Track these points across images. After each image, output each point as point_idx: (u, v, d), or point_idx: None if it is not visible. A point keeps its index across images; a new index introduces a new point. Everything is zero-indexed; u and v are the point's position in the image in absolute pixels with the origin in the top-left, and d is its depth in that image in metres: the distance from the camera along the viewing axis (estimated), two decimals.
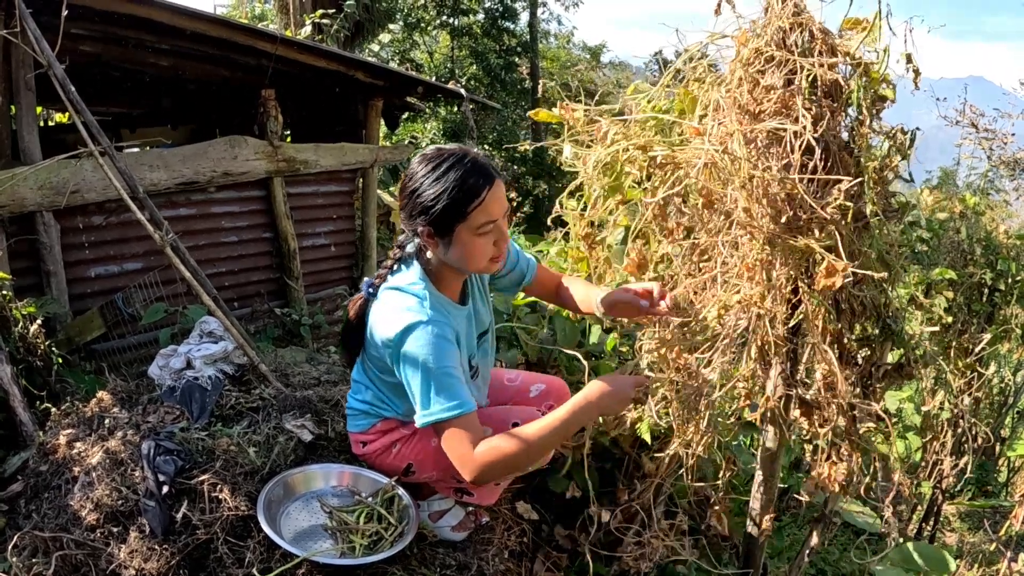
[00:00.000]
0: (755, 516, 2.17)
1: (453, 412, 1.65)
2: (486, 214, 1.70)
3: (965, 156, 9.16)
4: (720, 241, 1.57)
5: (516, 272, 2.11)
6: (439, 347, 1.67)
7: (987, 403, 4.02)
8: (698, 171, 1.45)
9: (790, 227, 1.42)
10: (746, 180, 1.35)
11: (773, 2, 1.39)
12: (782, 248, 1.43)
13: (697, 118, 1.55)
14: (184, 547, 1.76)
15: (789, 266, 1.49)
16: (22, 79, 3.70)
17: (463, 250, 1.74)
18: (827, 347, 1.53)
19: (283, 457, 2.03)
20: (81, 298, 4.15)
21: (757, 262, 1.50)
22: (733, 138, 1.37)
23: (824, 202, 1.36)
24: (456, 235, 1.71)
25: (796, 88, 1.36)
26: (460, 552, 2.04)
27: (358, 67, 5.58)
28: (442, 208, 1.67)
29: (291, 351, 3.67)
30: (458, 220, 1.69)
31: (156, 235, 2.50)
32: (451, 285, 1.89)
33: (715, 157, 1.39)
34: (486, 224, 1.71)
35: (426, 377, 1.66)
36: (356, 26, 11.32)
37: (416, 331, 1.67)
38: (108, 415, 2.25)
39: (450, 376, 1.67)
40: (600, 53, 25.38)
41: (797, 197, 1.37)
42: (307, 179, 5.50)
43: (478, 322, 2.03)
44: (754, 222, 1.40)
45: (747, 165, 1.34)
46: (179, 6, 4.09)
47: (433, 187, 1.68)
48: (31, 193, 3.69)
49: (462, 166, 1.69)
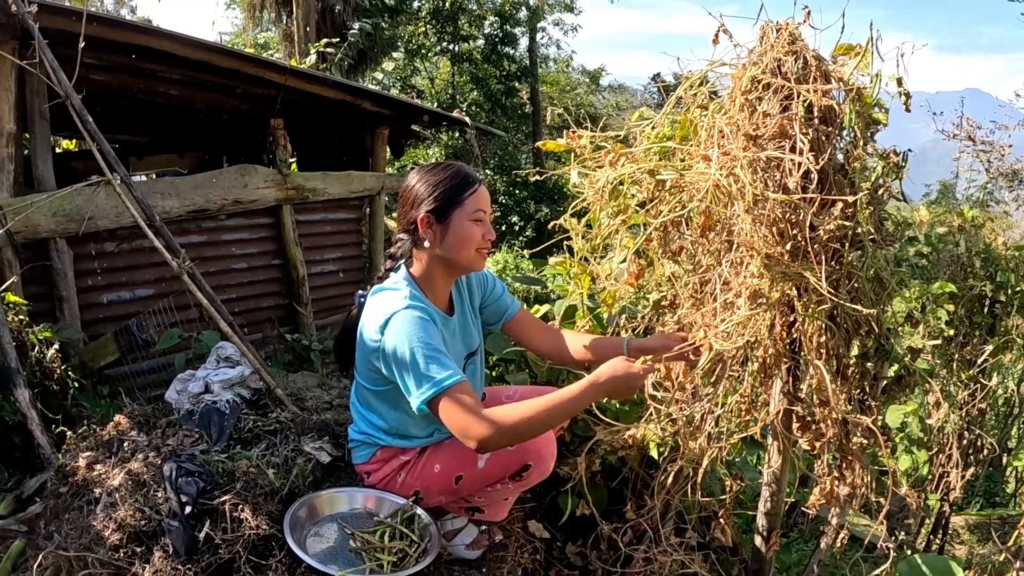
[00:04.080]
0: (762, 531, 2.20)
1: (447, 382, 1.70)
2: (478, 202, 1.91)
3: (963, 169, 9.23)
4: (722, 261, 1.62)
5: (501, 303, 2.21)
6: (421, 327, 1.77)
7: (992, 414, 4.04)
8: (704, 194, 1.50)
9: (792, 250, 1.48)
10: (750, 204, 1.41)
11: (768, 32, 1.46)
12: (778, 269, 1.48)
13: (702, 143, 1.61)
14: (207, 566, 1.80)
15: (786, 285, 1.54)
16: (37, 108, 3.77)
17: (458, 235, 1.90)
18: (822, 363, 1.57)
19: (301, 478, 2.07)
20: (93, 324, 4.21)
21: (757, 281, 1.54)
22: (737, 163, 1.42)
23: (823, 223, 1.41)
24: (452, 219, 1.89)
25: (793, 114, 1.43)
26: (475, 570, 2.07)
27: (365, 97, 5.69)
28: (439, 193, 1.88)
29: (302, 376, 3.71)
30: (455, 205, 1.88)
31: (173, 263, 2.56)
32: (440, 292, 1.99)
33: (720, 181, 1.44)
34: (478, 211, 1.91)
35: (413, 356, 1.73)
36: (359, 55, 11.51)
37: (396, 316, 1.79)
38: (126, 438, 2.29)
39: (436, 350, 1.75)
40: (599, 76, 25.63)
41: (796, 219, 1.43)
42: (315, 207, 5.59)
43: (466, 339, 2.09)
44: (756, 244, 1.45)
45: (751, 189, 1.39)
46: (190, 37, 4.19)
47: (432, 179, 1.90)
48: (45, 220, 3.77)
49: (455, 166, 1.95)
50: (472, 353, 2.13)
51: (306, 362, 4.61)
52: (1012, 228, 6.22)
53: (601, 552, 2.39)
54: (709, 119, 1.60)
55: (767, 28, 1.45)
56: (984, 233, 3.62)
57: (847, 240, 1.47)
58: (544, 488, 2.42)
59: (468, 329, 2.11)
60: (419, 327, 1.76)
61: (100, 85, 4.46)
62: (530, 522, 2.36)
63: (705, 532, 2.46)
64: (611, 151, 1.86)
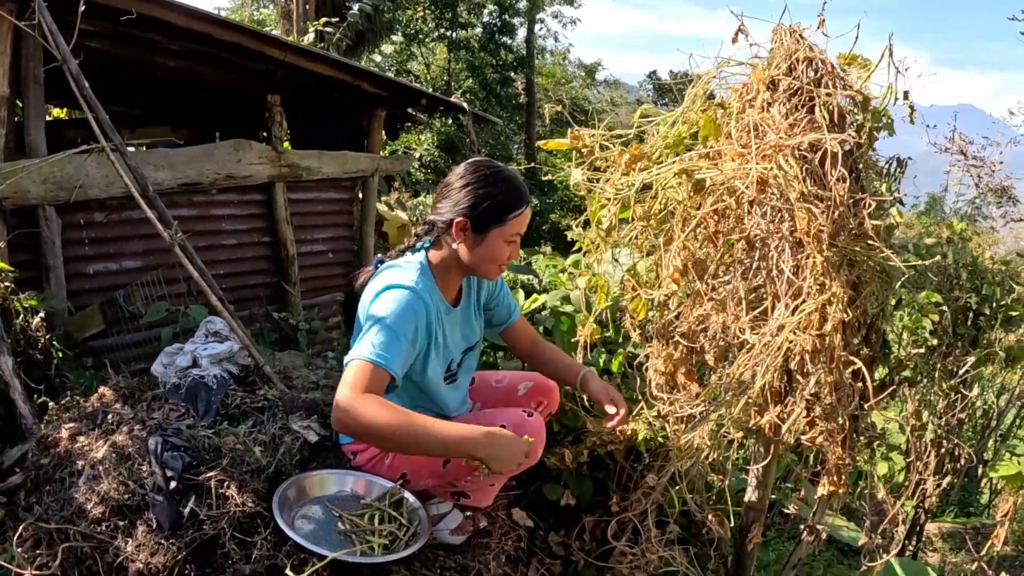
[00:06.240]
0: (745, 526, 2.23)
1: (379, 360, 1.68)
2: (518, 226, 1.87)
3: (953, 183, 9.33)
4: (773, 258, 1.60)
5: (504, 309, 2.24)
6: (409, 313, 1.76)
7: (970, 425, 4.10)
8: (749, 187, 1.49)
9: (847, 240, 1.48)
10: (799, 195, 1.42)
11: (784, 36, 1.46)
12: (840, 259, 1.49)
13: (736, 142, 1.59)
14: (191, 542, 1.79)
15: (845, 277, 1.54)
16: (31, 73, 3.69)
17: (489, 252, 1.87)
18: (841, 363, 1.58)
19: (288, 457, 2.06)
20: (79, 294, 4.16)
21: (820, 274, 1.53)
22: (780, 155, 1.44)
23: (857, 219, 1.44)
24: (488, 236, 1.85)
25: (821, 116, 1.45)
26: (459, 555, 2.08)
27: (364, 77, 5.64)
28: (487, 207, 1.82)
29: (289, 355, 3.70)
30: (497, 223, 1.84)
31: (165, 234, 2.54)
32: (450, 286, 1.99)
33: (767, 174, 1.45)
34: (515, 235, 1.88)
35: (380, 325, 1.72)
36: (358, 36, 11.41)
37: (397, 290, 1.78)
38: (111, 410, 2.27)
39: (399, 338, 1.73)
40: (595, 71, 25.62)
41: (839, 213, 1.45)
42: (308, 186, 5.55)
43: (466, 332, 2.10)
44: (810, 235, 1.45)
45: (800, 182, 1.41)
46: (194, 8, 4.12)
47: (483, 189, 1.83)
48: (35, 187, 3.71)
49: (514, 181, 1.87)
50: (471, 348, 2.14)
51: (293, 341, 4.59)
52: (998, 244, 6.30)
53: (584, 543, 2.41)
54: (737, 116, 1.59)
55: (781, 30, 1.46)
56: (971, 246, 3.66)
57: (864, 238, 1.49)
58: (530, 477, 2.44)
59: (470, 322, 2.11)
60: (407, 312, 1.77)
61: (97, 53, 4.38)
62: (514, 510, 2.37)
63: (687, 526, 2.49)
64: (628, 153, 1.84)
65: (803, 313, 1.48)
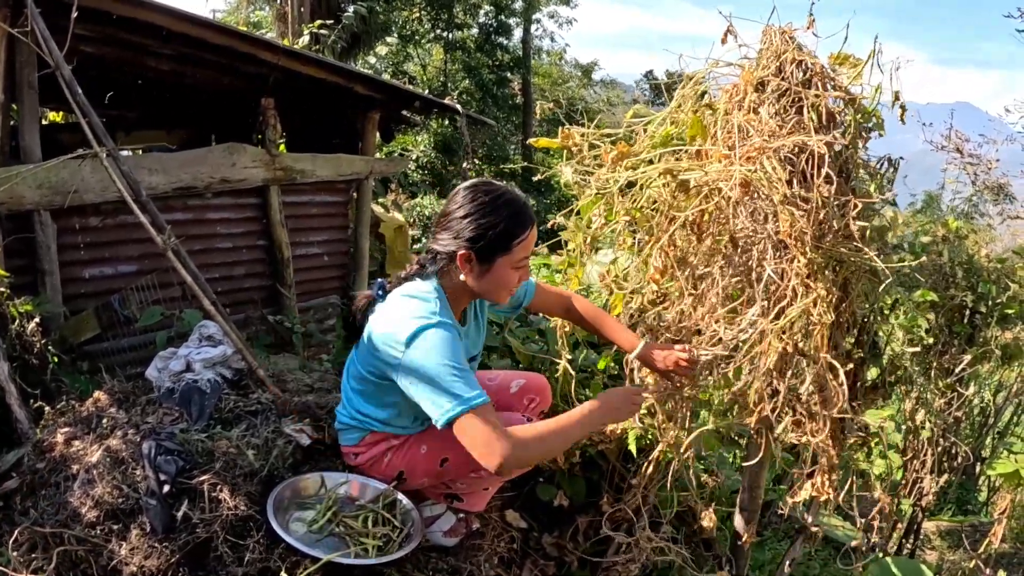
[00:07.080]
0: (739, 525, 2.23)
1: (476, 401, 1.65)
2: (525, 250, 1.81)
3: (950, 181, 9.34)
4: (755, 259, 1.61)
5: (514, 298, 2.21)
6: (453, 346, 1.71)
7: (968, 423, 4.10)
8: (732, 189, 1.49)
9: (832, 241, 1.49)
10: (783, 197, 1.42)
11: (773, 37, 1.47)
12: (826, 260, 1.49)
13: (720, 142, 1.59)
14: (184, 545, 1.79)
15: (833, 277, 1.55)
16: (25, 78, 3.70)
17: (497, 280, 1.83)
18: (832, 359, 1.58)
19: (281, 460, 2.07)
20: (74, 299, 4.15)
21: (804, 275, 1.53)
22: (764, 157, 1.44)
23: (844, 220, 1.44)
24: (495, 265, 1.80)
25: (808, 117, 1.45)
26: (452, 557, 2.08)
27: (358, 80, 5.64)
28: (491, 238, 1.77)
29: (284, 358, 3.70)
30: (502, 251, 1.79)
31: (158, 238, 2.54)
32: (458, 306, 1.95)
33: (751, 176, 1.45)
34: (523, 259, 1.82)
35: (441, 374, 1.67)
36: (353, 38, 11.42)
37: (428, 332, 1.71)
38: (105, 415, 2.28)
39: (464, 370, 1.70)
40: (592, 71, 25.63)
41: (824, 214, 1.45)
42: (303, 188, 5.54)
43: (470, 348, 2.10)
44: (793, 236, 1.45)
45: (783, 185, 1.41)
46: (184, 12, 4.12)
47: (487, 216, 1.77)
48: (30, 192, 3.71)
49: (516, 204, 1.80)
50: (473, 358, 2.13)
51: (287, 344, 4.59)
52: (995, 241, 6.30)
53: (577, 543, 2.41)
54: (724, 117, 1.60)
55: (770, 31, 1.47)
56: (967, 244, 3.66)
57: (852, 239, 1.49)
58: (523, 478, 2.44)
59: (474, 339, 2.11)
60: (449, 345, 1.71)
61: (91, 57, 4.38)
62: (507, 511, 2.37)
63: (679, 527, 2.49)
64: (615, 151, 1.85)
65: (787, 319, 1.49)
